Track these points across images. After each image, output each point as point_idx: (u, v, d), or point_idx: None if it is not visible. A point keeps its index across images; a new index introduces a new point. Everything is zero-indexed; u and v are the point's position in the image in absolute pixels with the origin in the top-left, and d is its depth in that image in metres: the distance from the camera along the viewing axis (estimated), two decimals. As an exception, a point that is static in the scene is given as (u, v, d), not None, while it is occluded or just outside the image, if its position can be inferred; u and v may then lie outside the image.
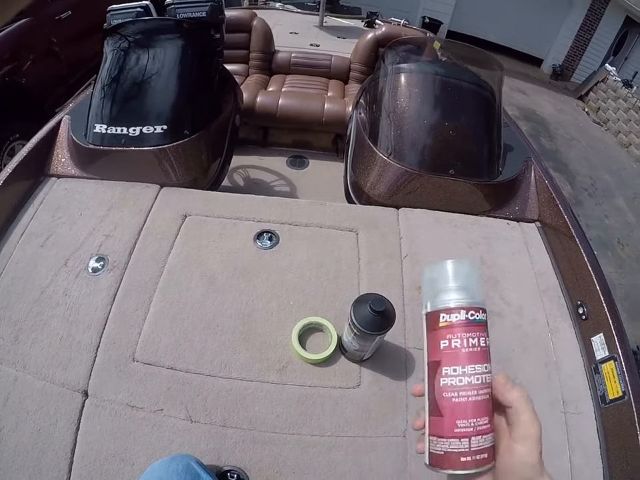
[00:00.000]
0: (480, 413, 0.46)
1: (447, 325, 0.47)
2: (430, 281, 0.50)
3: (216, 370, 1.05)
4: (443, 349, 0.47)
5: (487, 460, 0.45)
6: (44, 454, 0.94)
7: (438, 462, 0.46)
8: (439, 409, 0.47)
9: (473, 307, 0.47)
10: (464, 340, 0.46)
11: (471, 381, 0.45)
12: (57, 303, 1.14)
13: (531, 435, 0.44)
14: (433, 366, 0.48)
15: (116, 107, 1.43)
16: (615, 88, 6.98)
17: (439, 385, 0.47)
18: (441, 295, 0.48)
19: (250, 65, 2.62)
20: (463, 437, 0.44)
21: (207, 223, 1.35)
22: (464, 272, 0.49)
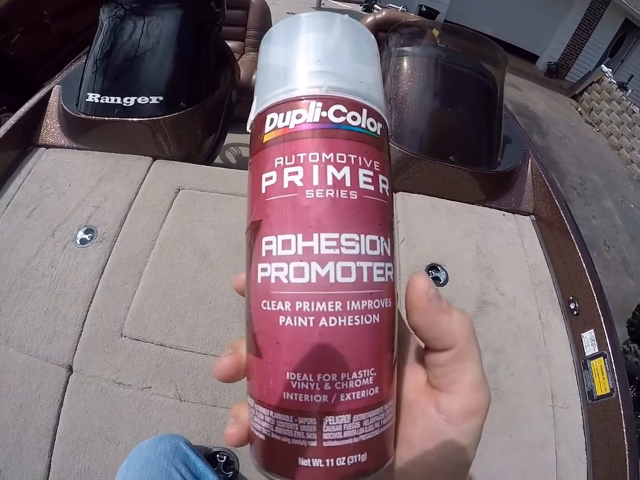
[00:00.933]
0: (353, 359, 0.22)
1: (276, 135, 0.24)
2: (266, 64, 0.27)
3: (208, 348, 1.03)
4: (265, 194, 0.23)
5: (365, 466, 0.22)
6: (25, 431, 0.92)
7: (258, 453, 0.24)
8: (255, 337, 0.23)
9: (344, 98, 0.24)
10: (314, 167, 0.22)
11: (323, 275, 0.21)
12: (43, 274, 1.10)
13: (478, 408, 0.24)
14: (248, 236, 0.25)
15: (110, 76, 1.38)
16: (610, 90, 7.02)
17: (255, 282, 0.23)
18: (283, 84, 0.25)
19: (246, 43, 2.56)
20: (301, 413, 0.21)
21: (200, 198, 1.32)
22: (331, 35, 0.25)
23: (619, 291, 3.68)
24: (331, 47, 0.25)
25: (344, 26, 0.26)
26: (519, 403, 1.05)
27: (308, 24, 0.26)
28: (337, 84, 0.24)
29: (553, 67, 9.49)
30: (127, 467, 0.74)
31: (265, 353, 0.22)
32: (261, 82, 0.27)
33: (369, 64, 0.26)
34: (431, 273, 1.24)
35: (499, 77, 1.60)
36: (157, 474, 0.71)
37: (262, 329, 0.23)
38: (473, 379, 0.24)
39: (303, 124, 0.23)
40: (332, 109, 0.23)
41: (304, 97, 0.23)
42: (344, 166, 0.22)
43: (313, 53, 0.25)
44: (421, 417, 0.25)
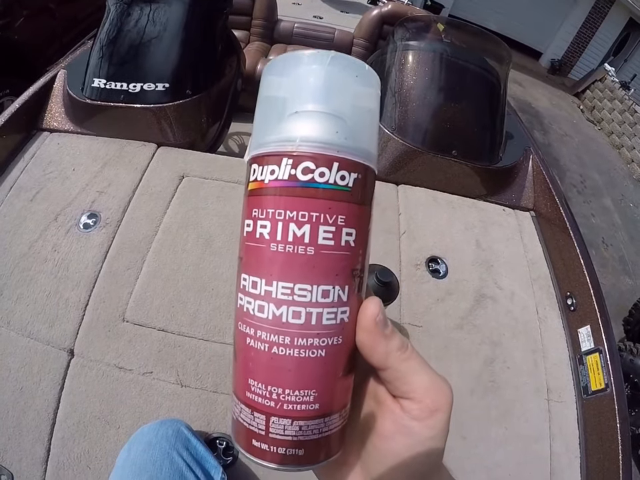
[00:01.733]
0: (295, 381, 0.26)
1: (257, 186, 0.26)
2: (265, 100, 0.28)
3: (209, 334, 1.03)
4: (245, 237, 0.27)
5: (302, 459, 0.27)
6: (25, 414, 0.92)
7: (233, 429, 0.30)
8: (234, 345, 0.29)
9: (313, 153, 0.25)
10: (278, 224, 0.25)
11: (278, 315, 0.25)
12: (45, 258, 1.10)
13: (438, 407, 0.27)
14: (238, 264, 0.29)
15: (117, 62, 1.38)
16: (612, 88, 6.99)
17: (236, 305, 0.28)
18: (266, 130, 0.27)
19: (251, 32, 2.56)
20: (257, 410, 0.27)
21: (204, 185, 1.32)
22: (317, 77, 0.26)
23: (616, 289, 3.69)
24: (311, 92, 0.26)
25: (331, 63, 0.26)
26: (514, 395, 1.06)
27: (298, 62, 0.26)
28: (310, 136, 0.25)
29: (556, 64, 9.44)
30: (128, 450, 0.74)
31: (238, 358, 0.28)
32: (255, 119, 0.29)
33: (355, 105, 0.26)
34: (431, 266, 1.24)
35: (502, 74, 1.60)
36: (159, 457, 0.72)
37: (237, 342, 0.28)
38: (423, 386, 0.27)
39: (274, 181, 0.25)
40: (301, 166, 0.25)
41: (276, 153, 0.25)
42: (305, 224, 0.25)
43: (292, 101, 0.26)
44: (389, 414, 0.29)
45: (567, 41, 9.37)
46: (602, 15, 8.89)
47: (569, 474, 0.99)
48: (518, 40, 9.38)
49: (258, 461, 0.27)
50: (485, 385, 1.06)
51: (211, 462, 0.78)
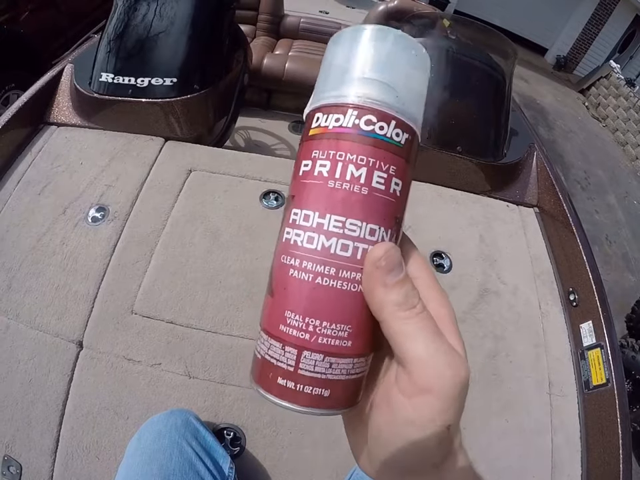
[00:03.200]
0: (331, 313, 0.27)
1: (318, 132, 0.29)
2: (331, 65, 0.31)
3: (217, 326, 1.04)
4: (301, 176, 0.29)
5: (326, 401, 0.27)
6: (34, 405, 0.93)
7: (254, 370, 0.30)
8: (272, 282, 0.29)
9: (376, 109, 0.28)
10: (338, 164, 0.27)
11: (327, 246, 0.26)
12: (54, 251, 1.11)
13: (427, 387, 0.24)
14: (287, 204, 0.30)
15: (125, 56, 1.38)
16: (618, 85, 6.96)
17: (281, 240, 0.29)
18: (333, 87, 0.29)
19: (257, 27, 2.56)
20: (289, 343, 0.27)
21: (212, 179, 1.33)
22: (383, 50, 0.29)
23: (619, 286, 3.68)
24: (380, 59, 0.29)
25: (396, 41, 0.29)
26: (516, 389, 1.07)
27: (368, 35, 0.29)
28: (375, 96, 0.28)
29: (562, 60, 9.40)
30: (138, 439, 0.75)
31: (275, 293, 0.28)
32: (319, 80, 0.32)
33: (412, 78, 0.30)
34: (435, 260, 1.25)
35: (507, 70, 1.60)
36: (169, 446, 0.72)
37: (277, 275, 0.29)
38: (416, 356, 0.25)
39: (339, 127, 0.28)
40: (364, 118, 0.27)
41: (344, 104, 0.28)
42: (362, 167, 0.27)
43: (363, 64, 0.29)
44: (385, 378, 0.29)
45: (572, 37, 9.32)
46: (608, 12, 8.84)
47: (569, 467, 1.00)
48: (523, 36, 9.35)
49: (281, 402, 0.27)
50: (487, 378, 1.07)
51: (220, 452, 0.79)
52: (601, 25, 9.01)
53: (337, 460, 0.94)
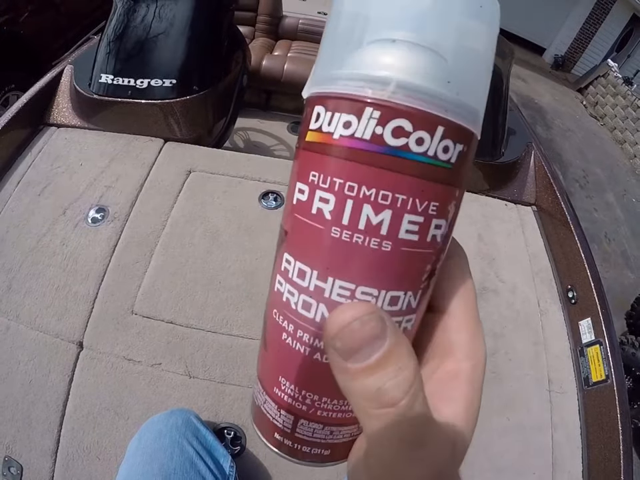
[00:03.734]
0: (327, 389, 0.21)
1: (318, 140, 0.18)
2: (341, 16, 0.19)
3: (217, 326, 1.04)
4: (295, 206, 0.20)
5: (328, 458, 0.24)
6: (34, 406, 0.93)
7: (253, 411, 0.26)
8: (265, 331, 0.24)
9: (413, 108, 0.17)
10: (348, 202, 0.18)
11: (323, 316, 0.20)
12: (54, 252, 1.11)
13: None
14: (281, 236, 0.22)
15: (124, 57, 1.38)
16: (615, 84, 6.96)
17: (272, 288, 0.22)
18: (349, 58, 0.18)
19: (256, 28, 2.55)
20: (284, 408, 0.23)
21: (211, 180, 1.33)
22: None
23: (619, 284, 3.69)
24: (418, 16, 0.17)
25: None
26: (516, 386, 1.07)
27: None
28: (412, 81, 0.17)
29: (560, 59, 9.41)
30: (138, 439, 0.75)
31: (269, 350, 0.23)
32: (324, 45, 0.20)
33: (473, 48, 0.18)
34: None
35: (505, 70, 1.60)
36: (169, 446, 0.72)
37: (270, 330, 0.23)
38: (381, 460, 0.19)
39: (349, 138, 0.17)
40: (392, 124, 0.17)
41: (356, 97, 0.17)
42: (385, 208, 0.18)
43: (385, 23, 0.18)
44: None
45: (570, 36, 9.33)
46: (605, 11, 8.86)
47: (570, 463, 1.00)
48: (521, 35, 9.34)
49: (279, 452, 0.24)
50: (487, 376, 1.06)
51: (220, 451, 0.79)
52: (598, 24, 9.03)
53: None
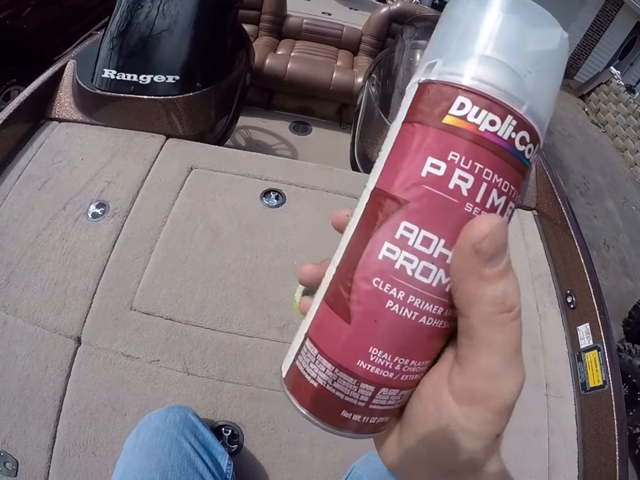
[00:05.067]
0: (422, 352, 0.23)
1: (466, 127, 0.21)
2: (456, 20, 0.23)
3: (216, 323, 1.04)
4: (424, 178, 0.21)
5: (384, 425, 0.26)
6: (31, 401, 0.92)
7: (298, 390, 0.25)
8: (349, 303, 0.23)
9: (532, 126, 0.22)
10: (483, 184, 0.21)
11: (443, 283, 0.21)
12: (53, 247, 1.10)
13: (483, 398, 0.22)
14: (378, 203, 0.23)
15: (128, 53, 1.38)
16: (618, 92, 6.97)
17: (374, 256, 0.22)
18: (468, 59, 0.22)
19: (260, 27, 2.55)
20: (367, 380, 0.23)
21: (212, 177, 1.33)
22: (544, 39, 0.23)
23: (617, 291, 3.69)
24: (556, 62, 0.23)
25: (563, 39, 0.23)
26: None
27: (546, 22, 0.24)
28: (537, 110, 0.22)
29: (563, 66, 9.43)
30: (136, 435, 0.75)
31: (357, 322, 0.23)
32: (461, 29, 0.23)
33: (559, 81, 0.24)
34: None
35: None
36: (167, 442, 0.72)
37: (363, 300, 0.22)
38: (483, 367, 0.21)
39: (493, 135, 0.21)
40: (520, 134, 0.21)
41: (503, 105, 0.21)
42: (504, 195, 0.21)
43: (527, 57, 0.22)
44: (437, 370, 0.24)
45: (573, 43, 9.32)
46: (609, 19, 8.86)
47: (566, 468, 1.00)
48: (524, 41, 9.35)
49: (337, 431, 0.25)
50: None
51: (218, 448, 0.79)
52: (602, 31, 9.03)
53: (334, 459, 0.94)
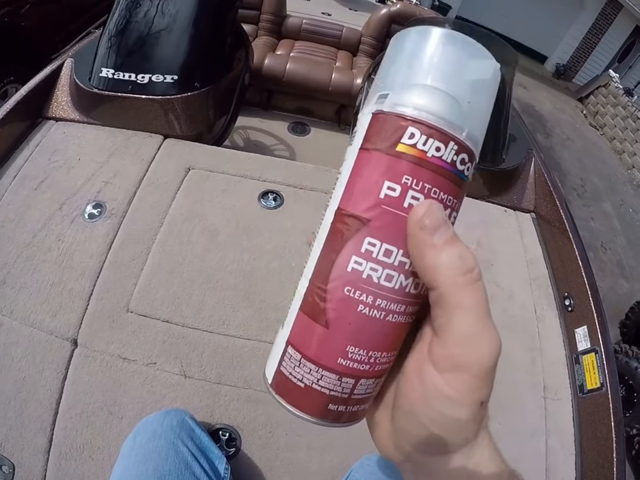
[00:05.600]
0: (390, 344, 0.27)
1: (416, 154, 0.24)
2: (407, 52, 0.26)
3: (214, 326, 1.03)
4: (382, 200, 0.24)
5: (363, 412, 0.29)
6: (27, 404, 0.91)
7: (285, 392, 0.28)
8: (325, 311, 0.26)
9: (470, 149, 0.25)
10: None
11: (404, 285, 0.25)
12: (50, 248, 1.09)
13: (465, 364, 0.23)
14: (343, 222, 0.26)
15: (126, 52, 1.37)
16: (616, 95, 6.98)
17: (343, 268, 0.25)
18: (417, 91, 0.25)
19: (259, 27, 2.54)
20: (347, 375, 0.26)
21: (210, 178, 1.32)
22: (480, 71, 0.26)
23: (614, 292, 3.71)
24: (478, 86, 0.26)
25: (495, 70, 0.27)
26: (511, 392, 1.06)
27: (477, 49, 0.26)
28: (474, 134, 0.25)
29: (561, 68, 9.45)
30: (133, 439, 0.74)
31: (334, 326, 0.26)
32: (394, 67, 0.27)
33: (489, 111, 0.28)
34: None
35: (508, 77, 1.59)
36: (164, 447, 0.71)
37: (338, 307, 0.26)
38: (459, 331, 0.23)
39: (438, 159, 0.24)
40: (460, 156, 0.25)
41: (446, 133, 0.24)
42: (448, 208, 0.25)
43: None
44: (417, 348, 0.27)
45: (572, 45, 9.37)
46: (608, 22, 8.88)
47: (563, 470, 1.00)
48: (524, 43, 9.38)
49: (316, 421, 0.28)
50: None
51: (215, 452, 0.78)
52: (601, 35, 9.05)
53: (332, 463, 0.93)
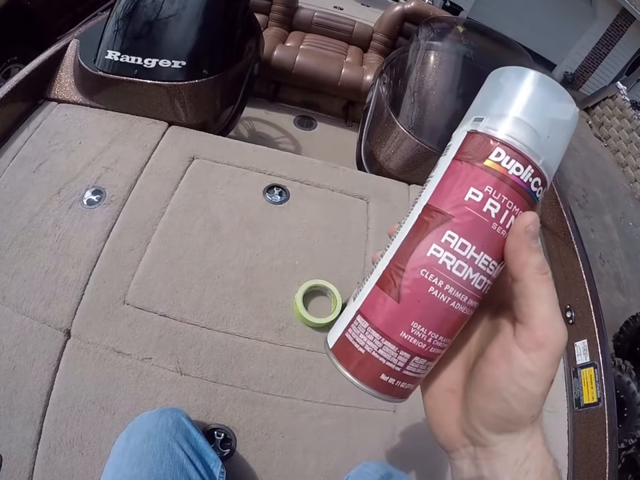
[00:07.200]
0: (448, 330, 0.31)
1: (499, 170, 0.29)
2: (503, 87, 0.31)
3: (212, 322, 1.00)
4: (466, 202, 0.29)
5: (409, 391, 0.33)
6: (16, 394, 0.88)
7: (345, 357, 0.32)
8: (399, 287, 0.30)
9: (544, 175, 0.30)
10: (505, 211, 0.29)
11: (471, 278, 0.29)
12: (46, 233, 1.06)
13: (545, 342, 0.28)
14: (429, 215, 0.30)
15: (133, 35, 1.33)
16: (622, 107, 6.96)
17: (423, 253, 0.29)
18: (507, 120, 0.30)
19: (270, 17, 2.51)
20: (405, 349, 0.30)
21: (215, 169, 1.29)
22: (562, 112, 0.30)
23: (609, 305, 3.70)
24: (555, 129, 0.30)
25: (574, 113, 0.31)
26: None
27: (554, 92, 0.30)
28: (549, 164, 0.30)
29: (569, 77, 9.44)
30: (126, 439, 0.72)
31: (404, 302, 0.30)
32: (496, 98, 0.31)
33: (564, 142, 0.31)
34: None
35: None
36: (159, 449, 0.69)
37: (412, 285, 0.29)
38: (541, 315, 0.28)
39: (517, 178, 0.29)
40: (535, 179, 0.29)
41: (527, 158, 0.29)
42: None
43: (548, 124, 0.30)
44: (502, 337, 0.31)
45: (582, 55, 9.36)
46: (620, 33, 8.87)
47: None
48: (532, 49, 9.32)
49: (368, 390, 0.31)
50: None
51: (211, 455, 0.76)
52: (611, 46, 9.04)
53: (328, 467, 0.91)
